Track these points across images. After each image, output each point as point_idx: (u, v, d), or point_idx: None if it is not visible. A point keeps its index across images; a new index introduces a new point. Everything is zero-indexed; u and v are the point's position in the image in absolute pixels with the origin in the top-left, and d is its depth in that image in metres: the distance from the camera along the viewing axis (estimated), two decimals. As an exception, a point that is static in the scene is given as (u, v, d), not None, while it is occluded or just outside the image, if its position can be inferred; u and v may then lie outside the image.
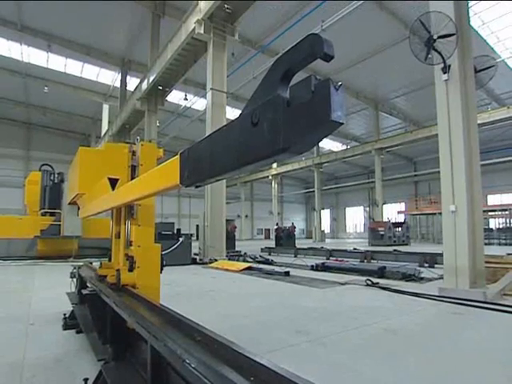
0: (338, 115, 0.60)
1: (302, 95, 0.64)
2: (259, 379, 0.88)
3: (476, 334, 3.65)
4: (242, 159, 0.77)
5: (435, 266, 9.04)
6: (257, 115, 0.72)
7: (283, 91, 0.68)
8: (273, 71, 0.72)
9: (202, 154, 0.98)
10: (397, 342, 3.36)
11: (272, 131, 0.67)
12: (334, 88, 0.60)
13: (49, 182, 12.85)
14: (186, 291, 6.17)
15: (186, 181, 1.06)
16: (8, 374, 2.62)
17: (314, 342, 3.31)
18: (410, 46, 6.42)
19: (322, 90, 0.61)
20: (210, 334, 1.22)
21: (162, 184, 1.38)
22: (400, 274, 7.20)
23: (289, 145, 0.64)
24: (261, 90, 0.75)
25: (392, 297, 5.55)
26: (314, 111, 0.61)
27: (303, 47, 0.65)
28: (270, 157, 0.71)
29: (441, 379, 2.54)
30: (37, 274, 8.29)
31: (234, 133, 0.82)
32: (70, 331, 3.66)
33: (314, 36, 0.64)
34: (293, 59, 0.68)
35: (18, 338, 3.46)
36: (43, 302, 5.05)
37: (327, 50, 0.62)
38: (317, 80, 0.64)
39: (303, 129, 0.62)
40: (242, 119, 0.78)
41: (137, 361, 2.02)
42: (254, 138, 0.72)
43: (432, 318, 4.38)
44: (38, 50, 21.59)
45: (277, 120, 0.66)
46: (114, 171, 2.89)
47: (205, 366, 0.95)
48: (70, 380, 2.49)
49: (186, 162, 1.07)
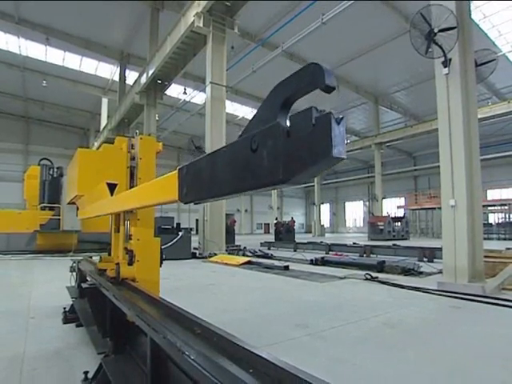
0: (339, 151, 0.59)
1: (301, 126, 0.63)
2: (258, 371, 0.88)
3: (475, 327, 3.66)
4: (241, 184, 0.78)
5: (434, 261, 9.06)
6: (256, 141, 0.72)
7: (283, 119, 0.68)
8: (272, 97, 0.72)
9: (201, 173, 0.99)
10: (396, 336, 3.37)
11: (272, 160, 0.67)
12: (336, 122, 0.60)
13: (48, 177, 12.83)
14: (186, 285, 6.18)
15: (185, 198, 1.07)
16: (8, 368, 2.62)
17: (313, 335, 3.32)
18: (410, 40, 6.37)
19: (323, 124, 0.60)
20: (209, 327, 1.22)
21: (160, 197, 1.38)
22: (399, 268, 7.22)
23: (288, 177, 0.64)
24: (260, 115, 0.75)
25: (391, 291, 5.57)
26: (314, 145, 0.61)
27: (304, 77, 0.65)
28: (269, 186, 0.71)
29: (440, 373, 2.55)
30: (36, 269, 8.30)
31: (233, 156, 0.82)
32: (70, 325, 3.67)
33: (315, 66, 0.63)
34: (293, 87, 0.68)
35: (18, 331, 3.47)
36: (43, 296, 5.06)
37: (329, 82, 0.61)
38: (318, 112, 0.63)
39: (303, 162, 0.62)
40: (241, 143, 0.78)
41: (137, 354, 2.02)
42: (253, 164, 0.72)
43: (431, 311, 4.39)
44: (36, 44, 21.44)
45: (276, 149, 0.66)
46: (112, 173, 2.89)
47: (204, 357, 0.94)
48: (71, 373, 2.50)
49: (185, 179, 1.07)
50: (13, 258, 10.48)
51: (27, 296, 5.09)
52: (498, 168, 28.68)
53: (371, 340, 3.24)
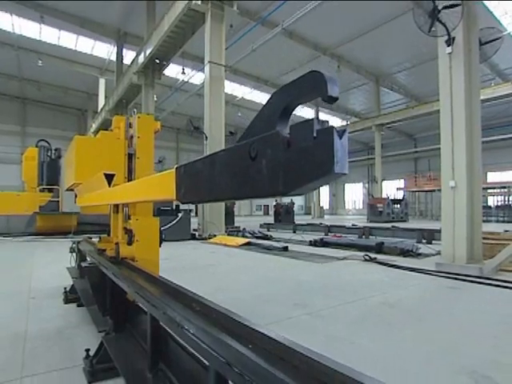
0: (342, 166, 0.57)
1: (302, 137, 0.61)
2: (258, 346, 0.88)
3: (471, 307, 3.70)
4: (240, 191, 0.77)
5: (433, 242, 9.12)
6: (255, 149, 0.70)
7: (282, 128, 0.66)
8: (272, 104, 0.70)
9: (198, 175, 0.96)
10: (394, 315, 3.41)
11: (271, 170, 0.66)
12: (338, 135, 0.58)
13: (46, 158, 12.75)
14: (186, 265, 6.22)
15: (183, 198, 1.05)
16: (11, 346, 2.66)
17: (311, 314, 3.36)
18: (413, 18, 6.21)
19: (324, 138, 0.58)
20: (208, 304, 1.22)
21: (158, 195, 1.37)
22: (398, 249, 7.26)
23: (288, 190, 0.63)
24: (259, 120, 0.73)
25: (389, 271, 5.62)
26: (315, 160, 0.59)
27: (305, 85, 0.63)
28: (268, 196, 0.70)
29: (436, 350, 2.59)
30: (37, 250, 8.35)
31: (232, 162, 0.80)
32: (71, 305, 3.71)
33: (318, 74, 0.61)
34: (293, 95, 0.66)
35: (20, 311, 3.50)
36: (44, 277, 5.09)
37: (332, 93, 0.59)
38: (319, 123, 0.60)
39: (304, 176, 0.61)
40: (240, 149, 0.76)
41: (137, 332, 2.04)
42: (252, 172, 0.70)
43: (428, 292, 4.44)
44: (30, 22, 20.93)
45: (276, 160, 0.64)
46: (110, 160, 2.86)
47: (204, 332, 0.94)
48: (72, 351, 2.53)
49: (183, 179, 1.05)
50: (13, 240, 10.53)
51: (28, 277, 5.12)
52: (500, 150, 28.53)
53: (369, 319, 3.28)
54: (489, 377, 2.22)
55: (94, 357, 2.15)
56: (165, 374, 1.49)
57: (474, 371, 2.29)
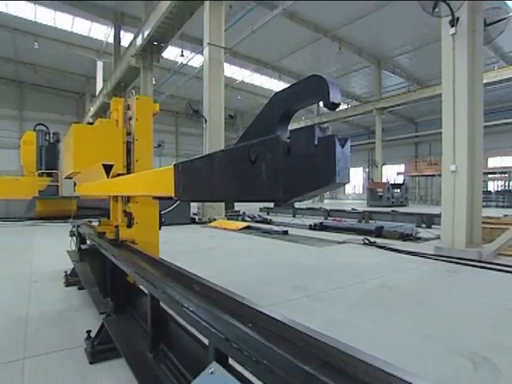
0: (343, 176, 0.57)
1: (303, 144, 0.60)
2: (258, 325, 0.88)
3: (469, 291, 3.73)
4: (239, 193, 0.76)
5: (432, 227, 9.15)
6: (254, 152, 0.69)
7: (282, 132, 0.66)
8: (271, 108, 0.69)
9: (197, 174, 0.95)
10: (392, 298, 3.44)
11: (271, 176, 0.65)
12: (340, 144, 0.56)
13: (44, 143, 12.63)
14: (185, 249, 6.25)
15: (181, 196, 1.04)
16: (13, 328, 2.68)
17: (310, 297, 3.38)
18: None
19: (326, 147, 0.57)
20: (208, 285, 1.22)
21: (157, 190, 1.34)
22: (397, 233, 7.29)
23: (288, 197, 0.62)
24: (258, 124, 0.72)
25: (389, 255, 5.64)
26: (317, 169, 0.58)
27: (306, 91, 0.61)
28: (267, 201, 0.69)
29: (434, 332, 2.61)
30: (37, 234, 8.37)
31: (231, 163, 0.78)
32: (72, 288, 3.74)
33: (319, 80, 0.59)
34: (293, 99, 0.65)
35: (21, 294, 3.53)
36: (44, 261, 5.12)
37: (334, 99, 0.57)
38: (321, 131, 0.59)
39: (304, 185, 0.60)
40: (239, 150, 0.74)
41: (138, 314, 2.05)
42: (251, 176, 0.70)
43: (427, 275, 4.46)
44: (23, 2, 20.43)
45: (276, 166, 0.64)
46: (109, 148, 2.82)
47: (203, 310, 0.94)
48: (73, 333, 2.55)
49: (181, 177, 1.04)
50: (13, 225, 10.56)
51: (29, 261, 5.15)
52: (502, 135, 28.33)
53: (368, 302, 3.31)
54: (486, 358, 2.25)
55: (95, 338, 2.17)
56: (165, 354, 1.50)
57: (472, 353, 2.32)
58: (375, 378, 0.63)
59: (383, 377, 0.64)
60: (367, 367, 0.68)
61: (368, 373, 0.65)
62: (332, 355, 0.72)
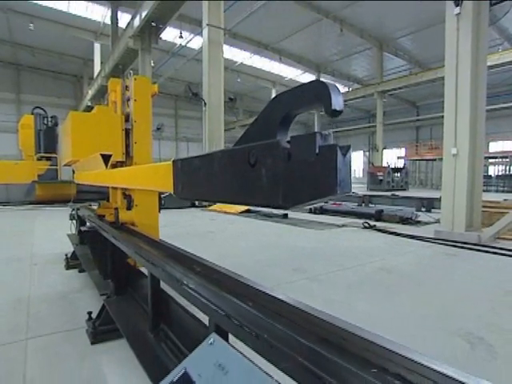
0: (345, 186, 0.56)
1: (304, 151, 0.58)
2: (258, 303, 0.88)
3: (468, 273, 3.76)
4: (238, 196, 0.75)
5: (432, 211, 9.16)
6: (254, 155, 0.68)
7: (283, 137, 0.65)
8: (271, 111, 0.68)
9: (196, 173, 0.93)
10: (391, 280, 3.46)
11: (271, 181, 0.64)
12: (341, 153, 0.55)
13: (42, 126, 12.52)
14: (186, 232, 6.27)
15: (181, 194, 1.02)
16: (15, 310, 2.70)
17: (310, 279, 3.40)
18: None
19: (328, 156, 0.55)
20: (209, 265, 1.22)
21: (156, 185, 1.33)
22: (397, 217, 7.30)
23: (288, 205, 0.61)
24: (258, 126, 0.71)
25: (388, 238, 5.66)
26: (317, 177, 0.57)
27: (307, 96, 0.60)
28: (267, 206, 0.68)
29: (432, 313, 2.64)
30: (37, 218, 8.40)
31: (230, 165, 0.77)
32: (73, 271, 3.76)
33: (320, 86, 0.57)
34: (293, 104, 0.63)
35: (23, 277, 3.55)
36: (45, 245, 5.14)
37: (335, 106, 0.55)
38: (322, 138, 0.57)
39: (304, 193, 0.59)
40: (239, 152, 0.73)
41: (138, 295, 2.06)
42: (251, 179, 0.69)
43: (426, 258, 4.49)
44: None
45: (276, 171, 0.63)
46: (107, 136, 2.79)
47: (203, 287, 0.94)
48: (75, 314, 2.57)
49: (180, 175, 1.02)
50: (13, 209, 10.57)
51: (29, 244, 5.17)
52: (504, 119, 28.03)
53: (367, 284, 3.33)
54: (483, 338, 2.28)
55: (96, 319, 2.19)
56: (166, 334, 1.51)
57: (469, 333, 2.34)
58: (375, 354, 0.63)
59: (383, 353, 0.64)
60: (367, 344, 0.68)
61: (368, 349, 0.65)
62: (332, 332, 0.72)
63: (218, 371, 0.53)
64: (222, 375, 0.52)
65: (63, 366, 1.93)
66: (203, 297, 0.91)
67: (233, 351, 0.56)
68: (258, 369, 0.50)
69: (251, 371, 0.50)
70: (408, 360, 0.61)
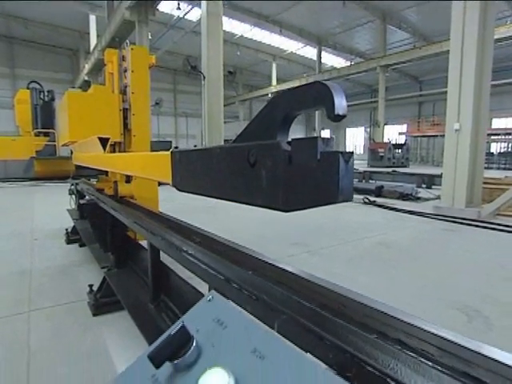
0: (346, 194, 0.55)
1: (305, 156, 0.57)
2: (259, 272, 0.87)
3: (466, 248, 3.77)
4: (238, 195, 0.74)
5: (433, 187, 9.14)
6: (254, 155, 0.67)
7: (283, 138, 0.64)
8: (271, 110, 0.67)
9: (194, 167, 0.91)
10: (389, 254, 3.48)
11: (271, 184, 0.63)
12: (344, 160, 0.54)
13: (39, 101, 12.31)
14: (186, 207, 6.27)
15: (180, 186, 1.01)
16: (17, 283, 2.72)
17: (311, 252, 3.42)
18: None
19: (329, 163, 0.54)
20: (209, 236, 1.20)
21: (154, 175, 1.30)
22: (397, 193, 7.29)
23: (288, 208, 0.61)
24: (258, 125, 0.70)
25: (388, 214, 5.67)
26: (318, 184, 0.56)
27: (309, 99, 0.58)
28: (267, 208, 0.67)
29: (429, 286, 2.66)
30: (36, 194, 8.38)
31: (229, 162, 0.76)
32: (73, 245, 3.77)
33: (323, 89, 0.55)
34: (294, 105, 0.62)
35: (24, 252, 3.56)
36: (45, 220, 5.14)
37: (338, 111, 0.54)
38: (324, 143, 0.56)
39: (305, 198, 0.58)
40: (238, 150, 0.72)
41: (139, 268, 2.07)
42: (251, 179, 0.68)
43: (425, 233, 4.50)
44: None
45: (276, 174, 0.62)
46: (104, 116, 2.73)
47: (203, 254, 0.93)
48: (76, 287, 2.59)
49: (178, 166, 1.01)
50: (12, 185, 10.54)
51: (29, 220, 5.17)
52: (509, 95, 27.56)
53: (366, 257, 3.35)
54: (479, 311, 2.31)
55: (97, 291, 2.21)
56: (166, 305, 1.52)
57: (465, 305, 2.37)
58: (375, 319, 0.62)
59: (383, 318, 0.63)
60: (367, 310, 0.67)
61: (368, 315, 0.64)
62: (332, 299, 0.72)
63: (217, 326, 0.52)
64: (220, 330, 0.51)
65: (66, 337, 1.96)
66: (202, 262, 0.90)
67: (232, 307, 0.55)
68: (258, 323, 0.49)
69: (251, 325, 0.49)
70: (408, 325, 0.60)
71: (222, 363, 0.43)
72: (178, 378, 0.46)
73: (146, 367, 0.49)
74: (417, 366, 0.48)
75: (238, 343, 0.47)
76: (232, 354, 0.46)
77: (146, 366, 0.48)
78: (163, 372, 0.48)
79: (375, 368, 0.51)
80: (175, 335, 0.47)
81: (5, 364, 1.74)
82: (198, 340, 0.49)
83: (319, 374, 0.38)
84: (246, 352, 0.45)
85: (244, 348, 0.46)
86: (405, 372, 0.48)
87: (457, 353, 0.50)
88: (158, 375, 0.48)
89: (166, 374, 0.47)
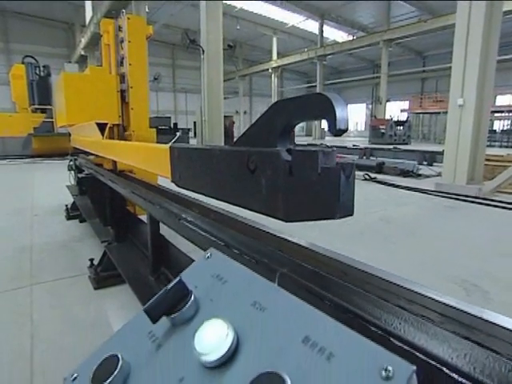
0: (346, 209, 0.56)
1: (305, 168, 0.56)
2: (260, 240, 0.86)
3: (466, 224, 3.78)
4: (238, 200, 0.74)
5: (434, 165, 9.08)
6: (253, 161, 0.66)
7: (283, 146, 0.63)
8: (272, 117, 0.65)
9: (194, 165, 0.90)
10: (390, 230, 3.49)
11: (271, 193, 0.63)
12: (344, 175, 0.55)
13: (35, 77, 12.06)
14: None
15: (179, 182, 1.00)
16: (18, 258, 2.74)
17: (311, 227, 3.42)
18: None
19: (330, 178, 0.54)
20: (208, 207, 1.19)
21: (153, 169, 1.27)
22: (398, 169, 7.25)
23: (288, 219, 0.61)
24: (258, 130, 0.69)
25: (389, 190, 5.66)
26: (319, 199, 0.55)
27: (311, 110, 0.57)
28: (267, 215, 0.67)
29: (429, 261, 2.68)
30: (35, 172, 8.35)
31: (229, 166, 0.75)
32: (73, 221, 3.78)
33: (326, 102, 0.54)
34: (295, 114, 0.61)
35: (24, 227, 3.57)
36: (45, 197, 5.13)
37: (341, 125, 0.53)
38: (325, 156, 0.55)
39: (305, 212, 0.58)
40: (238, 154, 0.71)
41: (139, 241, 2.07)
42: (251, 185, 0.67)
43: (425, 210, 4.50)
44: None
45: (276, 184, 0.61)
46: (102, 98, 2.66)
47: (201, 220, 0.92)
48: (77, 261, 2.61)
49: (178, 163, 0.99)
50: (11, 163, 10.48)
51: (29, 197, 5.16)
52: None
53: (366, 233, 3.36)
54: (477, 285, 2.33)
55: (98, 265, 2.22)
56: (166, 277, 1.52)
57: (464, 280, 2.39)
58: (376, 286, 0.61)
59: (384, 285, 0.62)
60: (368, 277, 0.67)
61: (369, 282, 0.64)
62: (332, 266, 0.71)
63: (216, 281, 0.51)
64: (220, 285, 0.50)
65: (68, 310, 1.98)
66: (202, 229, 0.89)
67: (232, 262, 0.54)
68: (259, 277, 0.48)
69: (251, 279, 0.48)
70: (409, 291, 0.60)
71: (221, 316, 0.41)
72: (175, 332, 0.46)
73: (143, 324, 0.48)
74: (421, 324, 0.48)
75: (238, 297, 0.46)
76: (231, 308, 0.45)
77: (143, 322, 0.47)
78: (160, 327, 0.47)
79: (379, 327, 0.50)
80: (172, 289, 0.46)
81: (8, 336, 1.76)
82: (197, 295, 0.48)
83: (326, 323, 0.37)
84: (246, 305, 0.44)
85: (244, 301, 0.45)
86: (408, 330, 0.47)
87: (458, 318, 0.49)
88: (155, 331, 0.47)
89: (163, 330, 0.47)
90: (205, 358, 0.37)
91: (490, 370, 0.38)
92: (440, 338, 0.44)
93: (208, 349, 0.37)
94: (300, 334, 0.36)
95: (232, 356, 0.37)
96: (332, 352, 0.32)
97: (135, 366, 0.44)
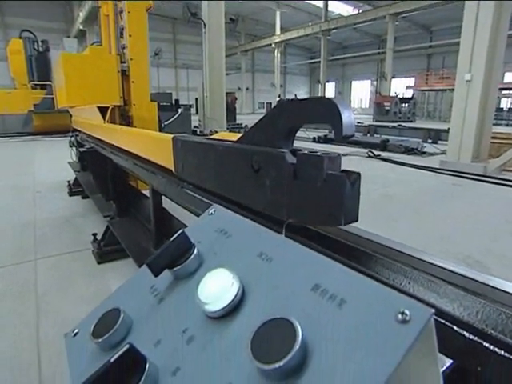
0: (350, 217, 0.55)
1: (310, 173, 0.55)
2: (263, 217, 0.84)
3: (470, 202, 3.76)
4: (242, 198, 0.74)
5: (439, 142, 8.97)
6: (257, 161, 0.66)
7: (286, 147, 0.63)
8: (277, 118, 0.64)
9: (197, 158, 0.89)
10: (394, 208, 3.48)
11: (275, 195, 0.62)
12: (350, 183, 0.53)
13: (33, 52, 11.84)
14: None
15: (182, 175, 0.99)
16: (22, 233, 2.75)
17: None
18: None
19: (335, 186, 0.52)
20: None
21: (156, 158, 1.25)
22: (402, 147, 7.17)
23: (291, 222, 0.60)
24: (262, 129, 0.68)
25: (393, 168, 5.62)
26: (323, 206, 0.54)
27: (317, 115, 0.56)
28: (270, 215, 0.66)
29: (432, 238, 2.68)
30: (37, 149, 8.31)
31: (234, 164, 0.74)
32: (76, 197, 3.78)
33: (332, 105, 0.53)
34: (301, 118, 0.61)
35: (27, 203, 3.58)
36: (47, 173, 5.12)
37: (347, 131, 0.51)
38: (330, 161, 0.54)
39: (308, 218, 0.58)
40: (242, 153, 0.70)
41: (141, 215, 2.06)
42: (255, 185, 0.67)
43: (429, 187, 4.47)
44: None
45: (281, 187, 0.61)
46: (102, 78, 2.61)
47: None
48: (80, 236, 2.62)
49: (180, 154, 0.98)
50: (12, 140, 10.43)
51: (31, 174, 5.15)
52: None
53: (370, 210, 3.34)
54: (481, 262, 2.33)
55: (101, 240, 2.23)
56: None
57: (467, 256, 2.39)
58: (383, 255, 0.60)
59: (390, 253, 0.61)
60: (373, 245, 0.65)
61: (376, 251, 0.62)
62: (336, 234, 0.69)
63: (220, 235, 0.50)
64: (224, 238, 0.49)
65: (72, 283, 2.00)
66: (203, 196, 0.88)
67: (236, 216, 0.53)
68: (265, 229, 0.47)
69: (257, 231, 0.48)
70: (415, 259, 0.58)
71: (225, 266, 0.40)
72: (178, 285, 0.45)
73: (145, 279, 0.47)
74: (430, 283, 0.47)
75: (243, 249, 0.45)
76: (236, 259, 0.44)
77: (146, 278, 0.46)
78: (163, 281, 0.46)
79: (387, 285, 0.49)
80: (174, 242, 0.45)
81: (14, 308, 1.79)
82: (200, 250, 0.47)
83: (336, 270, 0.36)
84: (252, 256, 0.43)
85: (249, 252, 0.44)
86: (418, 289, 0.47)
87: (465, 285, 0.48)
88: (158, 285, 0.46)
89: (165, 283, 0.46)
90: (209, 308, 0.36)
91: (503, 326, 0.37)
92: (450, 296, 0.44)
93: (212, 298, 0.36)
94: (309, 282, 0.35)
95: (237, 306, 0.36)
96: (343, 298, 0.31)
97: (137, 320, 0.43)
